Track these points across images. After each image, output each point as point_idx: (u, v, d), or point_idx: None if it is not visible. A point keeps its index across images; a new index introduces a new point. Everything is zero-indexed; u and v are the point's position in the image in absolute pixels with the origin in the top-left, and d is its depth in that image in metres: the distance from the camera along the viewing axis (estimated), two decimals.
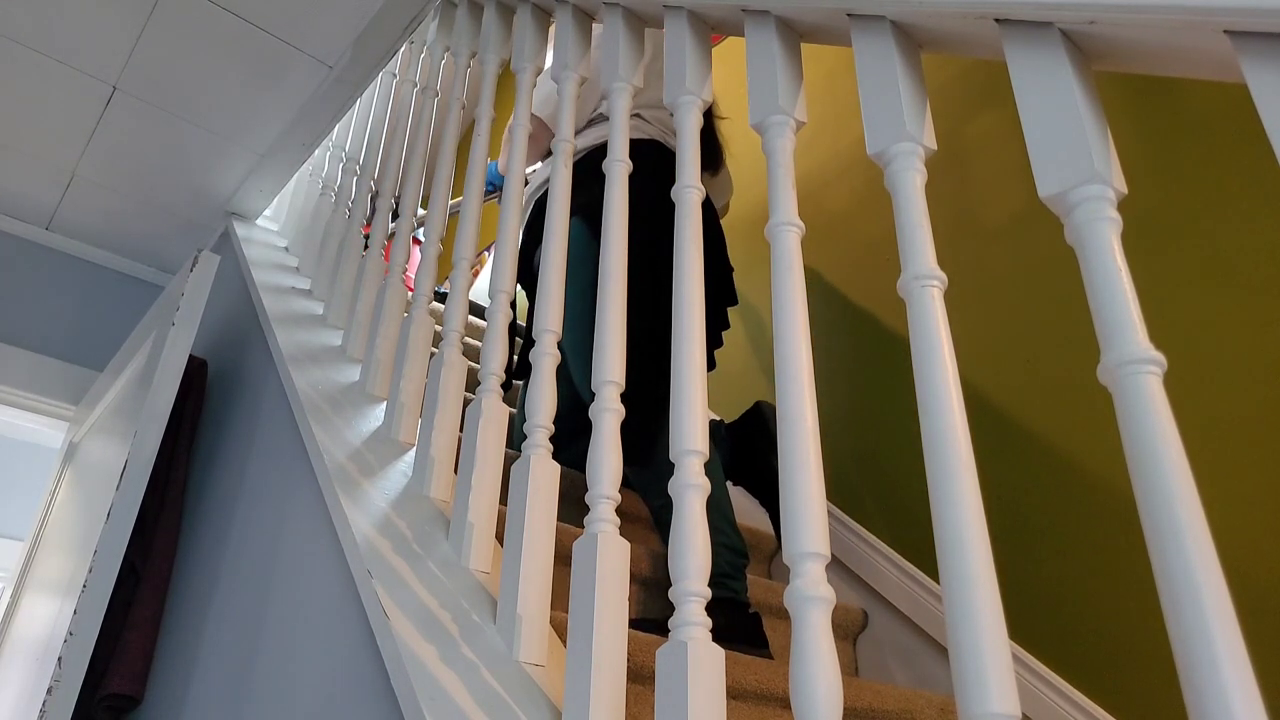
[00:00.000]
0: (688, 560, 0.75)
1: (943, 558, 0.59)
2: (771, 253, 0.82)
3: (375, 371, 1.46)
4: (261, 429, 1.59)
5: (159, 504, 1.71)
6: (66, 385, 2.48)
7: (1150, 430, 0.55)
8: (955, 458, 0.62)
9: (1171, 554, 0.51)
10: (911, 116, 0.80)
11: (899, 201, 0.76)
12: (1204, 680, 0.48)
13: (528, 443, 1.00)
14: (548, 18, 1.48)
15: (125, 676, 1.51)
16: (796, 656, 0.63)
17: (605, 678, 0.78)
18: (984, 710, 0.54)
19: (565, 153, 1.19)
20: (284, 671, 1.11)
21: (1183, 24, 0.65)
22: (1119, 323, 0.59)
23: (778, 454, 0.72)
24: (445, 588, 0.98)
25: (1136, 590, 1.41)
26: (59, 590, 1.68)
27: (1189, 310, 1.50)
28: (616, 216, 1.04)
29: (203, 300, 1.74)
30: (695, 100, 1.04)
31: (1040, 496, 1.59)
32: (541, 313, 1.05)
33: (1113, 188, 0.65)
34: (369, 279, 1.65)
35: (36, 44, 1.91)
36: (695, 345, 0.85)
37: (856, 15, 0.89)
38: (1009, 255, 1.82)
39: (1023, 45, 0.74)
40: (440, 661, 0.85)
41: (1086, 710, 1.41)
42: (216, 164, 2.28)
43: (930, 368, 0.66)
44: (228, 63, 1.96)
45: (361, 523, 1.06)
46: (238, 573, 1.41)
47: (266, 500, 1.42)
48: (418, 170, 1.65)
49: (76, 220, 2.55)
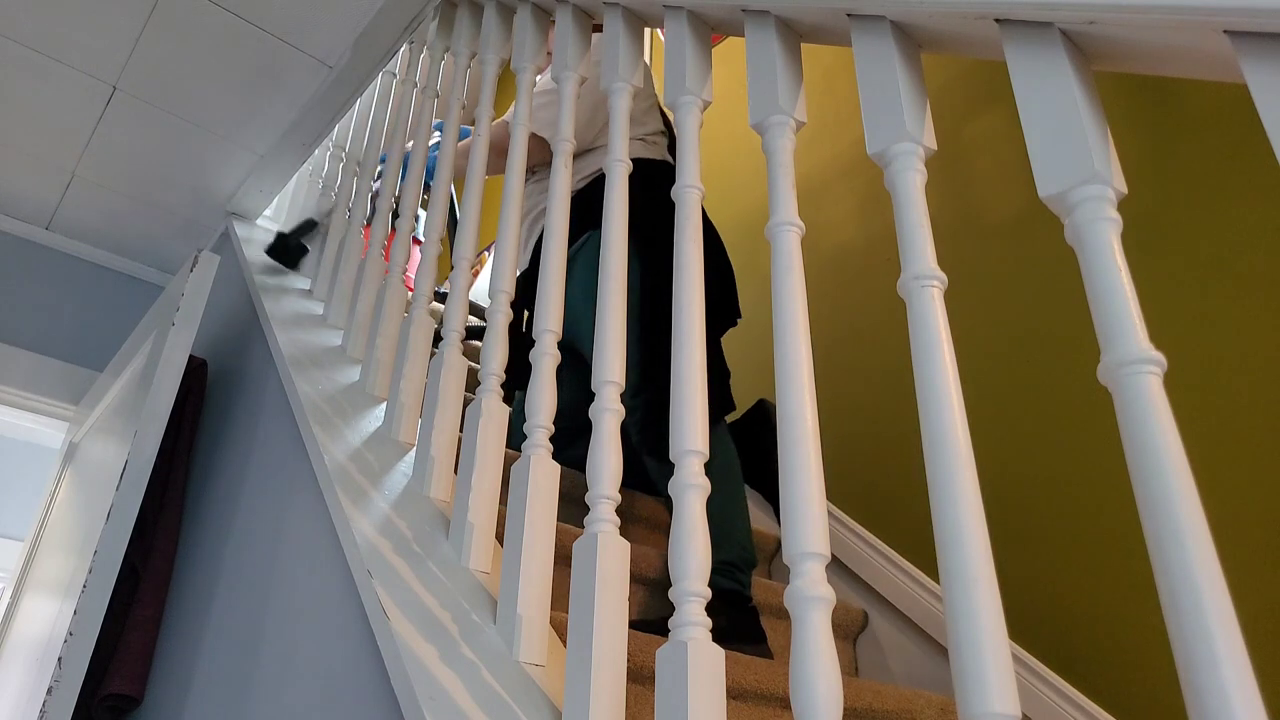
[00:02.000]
0: (688, 560, 0.75)
1: (943, 557, 0.59)
2: (772, 253, 0.82)
3: (375, 372, 1.46)
4: (261, 429, 1.59)
5: (159, 504, 1.71)
6: (66, 385, 2.48)
7: (1150, 430, 0.55)
8: (955, 457, 0.62)
9: (1171, 554, 0.51)
10: (911, 116, 0.80)
11: (899, 201, 0.76)
12: (1204, 680, 0.48)
13: (528, 443, 1.00)
14: (548, 18, 1.48)
15: (125, 676, 1.51)
16: (796, 656, 0.63)
17: (605, 678, 0.78)
18: (984, 710, 0.54)
19: (565, 153, 1.19)
20: (284, 671, 1.11)
21: (1183, 24, 0.65)
22: (1119, 323, 0.59)
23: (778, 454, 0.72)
24: (445, 588, 0.98)
25: (1136, 590, 1.41)
26: (59, 590, 1.68)
27: (1189, 310, 1.50)
28: (617, 216, 1.04)
29: (203, 300, 1.74)
30: (695, 100, 1.04)
31: (1040, 496, 1.59)
32: (541, 313, 1.05)
33: (1113, 188, 0.65)
34: (369, 279, 1.65)
35: (36, 44, 1.91)
36: (695, 345, 0.85)
37: (856, 15, 0.89)
38: (1009, 255, 1.82)
39: (1023, 45, 0.74)
40: (440, 661, 0.85)
41: (1086, 710, 1.41)
42: (216, 164, 2.28)
43: (930, 368, 0.66)
44: (228, 63, 1.96)
45: (362, 523, 1.06)
46: (238, 573, 1.41)
47: (267, 500, 1.42)
48: (417, 170, 1.65)
49: (76, 220, 2.55)
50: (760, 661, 1.19)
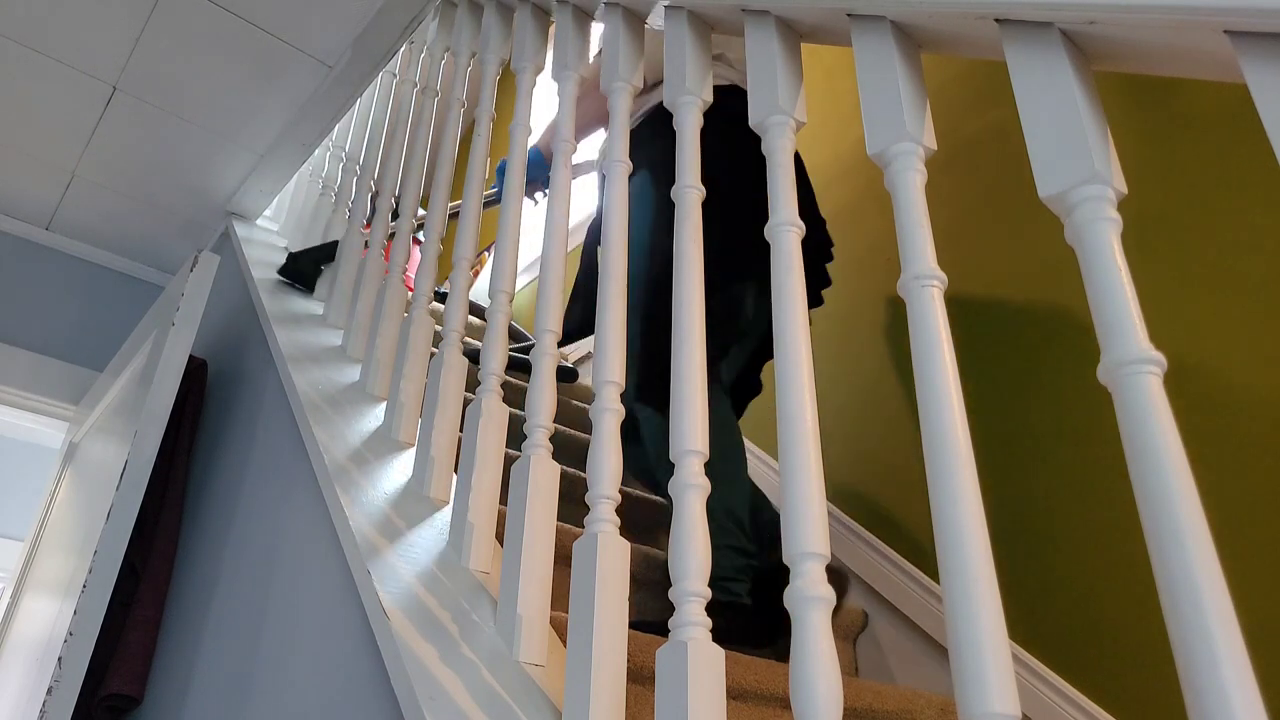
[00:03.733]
0: (687, 560, 0.75)
1: (943, 557, 0.59)
2: (771, 253, 0.82)
3: (375, 371, 1.46)
4: (261, 429, 1.59)
5: (159, 504, 1.71)
6: (66, 385, 2.48)
7: (1150, 430, 0.55)
8: (955, 457, 0.62)
9: (1171, 554, 0.51)
10: (911, 116, 0.80)
11: (899, 201, 0.76)
12: (1204, 680, 0.48)
13: (527, 443, 1.00)
14: (547, 17, 1.48)
15: (125, 676, 1.51)
16: (796, 656, 0.63)
17: (605, 678, 0.78)
18: (984, 710, 0.54)
19: (566, 154, 1.19)
20: (284, 671, 1.11)
21: (1183, 24, 0.64)
22: (1119, 323, 0.59)
23: (779, 453, 0.72)
24: (445, 588, 0.98)
25: (1136, 590, 1.41)
26: (59, 590, 1.68)
27: (1189, 310, 1.50)
28: (617, 218, 1.04)
29: (203, 300, 1.74)
30: (695, 100, 1.04)
31: (1040, 496, 1.59)
32: (542, 313, 1.05)
33: (1113, 188, 0.65)
34: (369, 279, 1.65)
35: (36, 44, 1.91)
36: (695, 345, 0.85)
37: (856, 15, 0.89)
38: (1009, 255, 1.82)
39: (1023, 45, 0.74)
40: (440, 661, 0.85)
41: (1086, 710, 1.41)
42: (216, 164, 2.28)
43: (930, 368, 0.66)
44: (228, 63, 1.96)
45: (361, 522, 1.06)
46: (238, 572, 1.41)
47: (266, 500, 1.42)
48: (418, 170, 1.65)
49: (76, 220, 2.55)
50: (760, 661, 1.19)
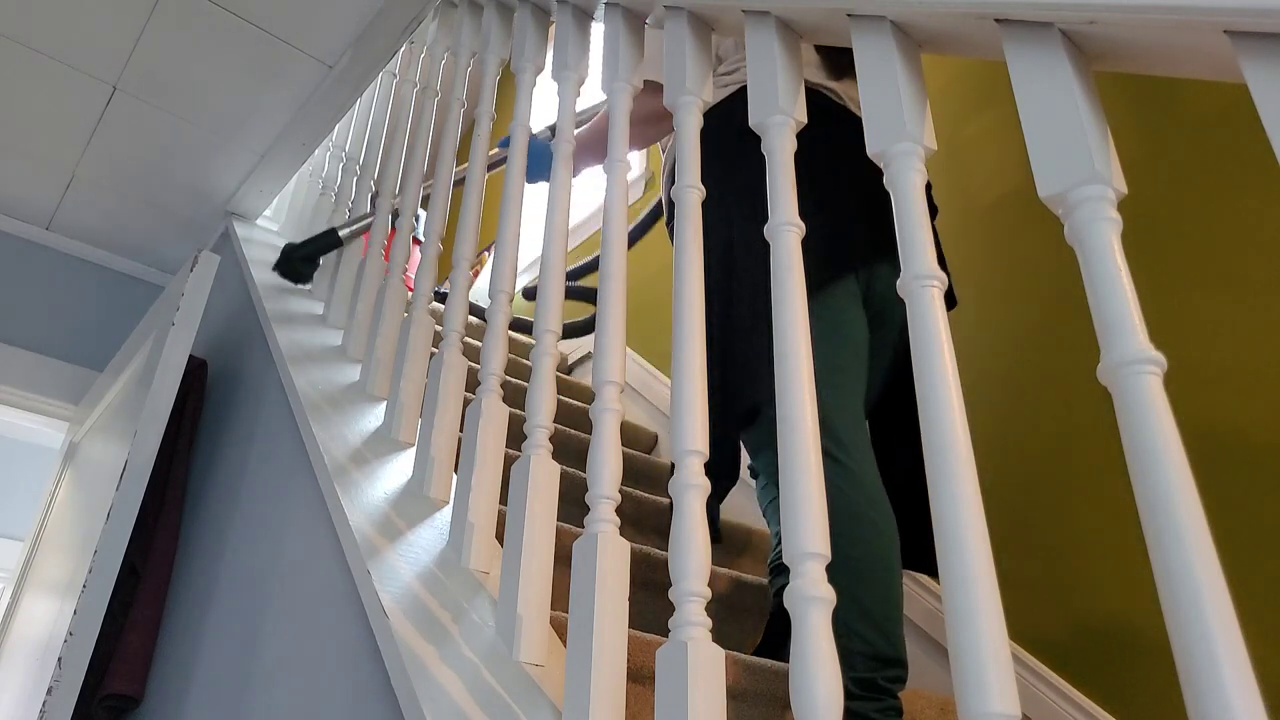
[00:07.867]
0: (687, 560, 0.75)
1: (943, 558, 0.59)
2: (771, 253, 0.82)
3: (375, 371, 1.46)
4: (261, 429, 1.59)
5: (159, 504, 1.71)
6: (66, 385, 2.48)
7: (1150, 430, 0.55)
8: (955, 457, 0.62)
9: (1171, 554, 0.51)
10: (911, 116, 0.80)
11: (899, 201, 0.76)
12: (1204, 680, 0.48)
13: (528, 443, 1.00)
14: (547, 18, 1.48)
15: (125, 676, 1.51)
16: (796, 656, 0.63)
17: (605, 678, 0.78)
18: (984, 710, 0.54)
19: (565, 154, 1.18)
20: (284, 671, 1.11)
21: (1183, 24, 0.65)
22: (1119, 323, 0.59)
23: (779, 453, 0.72)
24: (445, 588, 0.98)
25: (1136, 590, 1.41)
26: (59, 590, 1.68)
27: (1189, 310, 1.50)
28: (617, 217, 1.04)
29: (203, 300, 1.74)
30: (695, 100, 1.03)
31: (1041, 496, 1.59)
32: (542, 313, 1.05)
33: (1113, 188, 0.65)
34: (369, 279, 1.65)
35: (36, 44, 1.91)
36: (695, 345, 0.85)
37: (856, 15, 0.89)
38: (1009, 255, 1.82)
39: (1023, 45, 0.74)
40: (440, 661, 0.85)
41: (1086, 710, 1.41)
42: (216, 164, 2.28)
43: (930, 368, 0.66)
44: (228, 63, 1.96)
45: (361, 522, 1.06)
46: (237, 572, 1.41)
47: (266, 500, 1.42)
48: (418, 170, 1.65)
49: (76, 220, 2.55)
50: (760, 661, 1.19)
